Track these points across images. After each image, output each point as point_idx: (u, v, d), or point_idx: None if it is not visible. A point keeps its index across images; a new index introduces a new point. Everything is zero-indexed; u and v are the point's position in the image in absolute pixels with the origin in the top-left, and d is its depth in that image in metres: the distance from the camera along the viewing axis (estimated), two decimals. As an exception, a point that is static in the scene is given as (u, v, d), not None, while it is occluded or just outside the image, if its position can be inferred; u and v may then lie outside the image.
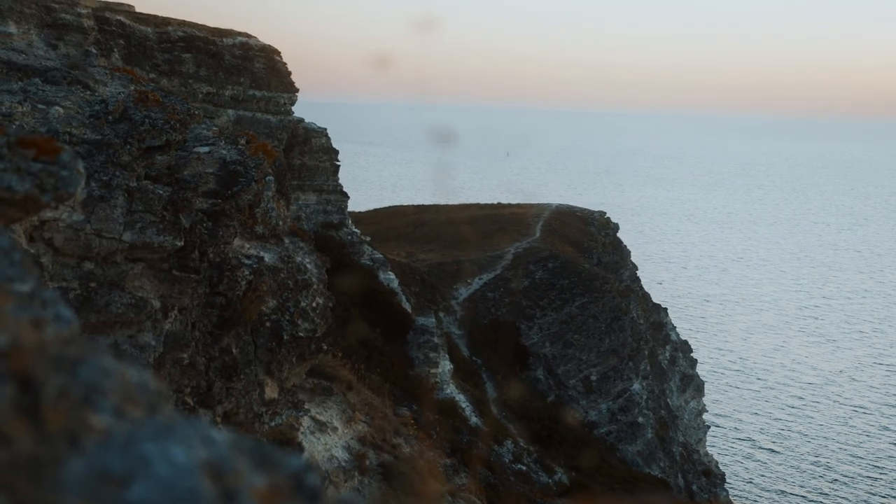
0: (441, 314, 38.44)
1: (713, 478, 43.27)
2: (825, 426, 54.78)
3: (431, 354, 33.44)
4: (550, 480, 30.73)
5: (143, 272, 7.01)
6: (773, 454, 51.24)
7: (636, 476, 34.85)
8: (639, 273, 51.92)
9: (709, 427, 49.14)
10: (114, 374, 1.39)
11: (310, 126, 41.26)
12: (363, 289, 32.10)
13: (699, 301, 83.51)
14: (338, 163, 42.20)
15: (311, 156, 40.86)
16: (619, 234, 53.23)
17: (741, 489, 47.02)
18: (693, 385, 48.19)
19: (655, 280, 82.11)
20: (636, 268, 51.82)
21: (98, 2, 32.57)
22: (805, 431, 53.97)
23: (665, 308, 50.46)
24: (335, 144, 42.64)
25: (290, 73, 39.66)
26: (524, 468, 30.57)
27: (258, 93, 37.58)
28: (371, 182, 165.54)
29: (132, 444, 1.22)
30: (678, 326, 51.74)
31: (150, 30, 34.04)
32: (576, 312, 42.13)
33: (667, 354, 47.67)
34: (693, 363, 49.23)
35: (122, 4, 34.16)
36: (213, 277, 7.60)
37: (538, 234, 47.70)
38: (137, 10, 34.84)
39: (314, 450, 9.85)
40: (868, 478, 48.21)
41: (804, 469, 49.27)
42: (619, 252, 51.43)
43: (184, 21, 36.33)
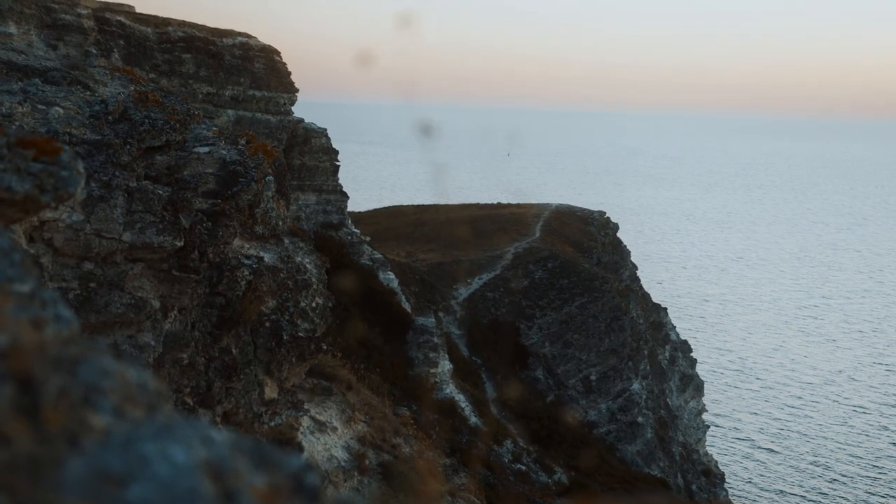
0: (441, 314, 38.45)
1: (713, 477, 43.28)
2: (824, 426, 54.80)
3: (431, 354, 33.45)
4: (550, 480, 30.73)
5: (143, 272, 7.01)
6: (773, 454, 51.25)
7: (636, 476, 34.85)
8: (638, 273, 51.93)
9: (708, 427, 49.15)
10: (113, 374, 1.39)
11: (309, 126, 41.26)
12: (363, 289, 32.10)
13: (698, 301, 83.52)
14: (337, 163, 42.21)
15: (311, 156, 40.87)
16: (619, 234, 53.24)
17: (740, 489, 47.02)
18: (693, 385, 48.20)
19: (655, 280, 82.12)
20: (636, 267, 51.83)
21: (98, 2, 32.56)
22: (804, 431, 53.98)
23: (665, 308, 50.46)
24: (335, 144, 42.65)
25: (290, 74, 39.67)
26: (523, 468, 30.57)
27: (258, 93, 37.58)
28: (371, 182, 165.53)
29: (132, 444, 1.23)
30: (677, 326, 51.75)
31: (150, 30, 34.04)
32: (575, 312, 42.14)
33: (666, 354, 47.68)
34: (693, 363, 49.24)
35: (122, 5, 34.17)
36: (213, 277, 7.61)
37: (538, 234, 47.71)
38: (137, 11, 34.85)
39: (314, 450, 9.86)
40: (867, 477, 48.22)
41: (803, 469, 49.28)
42: (619, 252, 51.44)
43: (184, 21, 36.33)
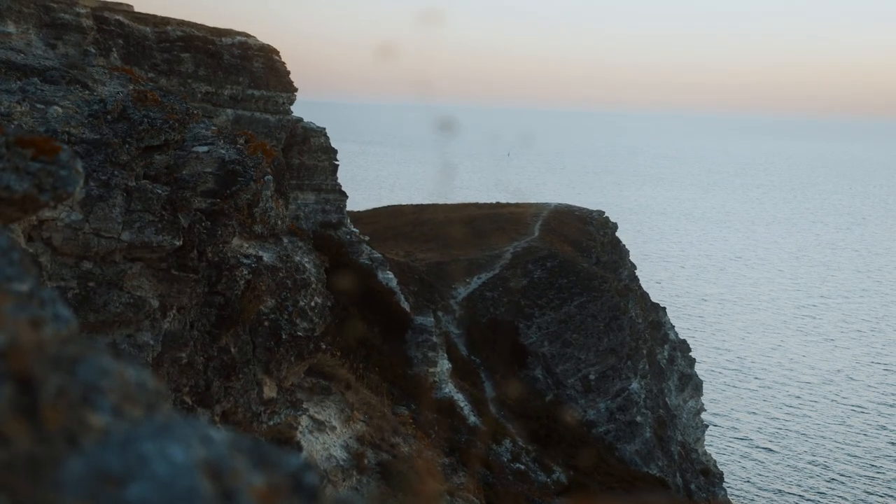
0: (439, 313, 38.45)
1: (711, 477, 43.31)
2: (823, 425, 54.83)
3: (430, 354, 33.45)
4: (549, 479, 30.74)
5: (142, 271, 7.01)
6: (771, 453, 51.28)
7: (634, 475, 34.87)
8: (637, 272, 51.94)
9: (707, 426, 49.17)
10: (112, 374, 1.40)
11: (308, 125, 41.25)
12: (362, 288, 32.10)
13: (697, 300, 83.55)
14: (336, 162, 42.20)
15: (310, 155, 40.86)
16: (618, 234, 53.25)
17: (739, 488, 47.05)
18: (691, 384, 48.22)
19: (654, 279, 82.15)
20: (634, 267, 51.84)
21: (97, 1, 32.55)
22: (803, 430, 54.02)
23: (664, 307, 50.48)
24: (334, 144, 42.64)
25: (289, 73, 39.66)
26: (522, 467, 30.58)
27: (257, 92, 37.57)
28: (370, 181, 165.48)
29: (131, 444, 1.23)
30: (676, 326, 51.77)
31: (149, 29, 34.02)
32: (574, 312, 42.15)
33: (665, 354, 47.70)
34: (691, 362, 49.26)
35: (121, 4, 34.15)
36: (212, 277, 7.60)
37: (537, 234, 47.72)
38: (136, 10, 34.84)
39: (312, 449, 9.86)
40: (865, 477, 48.27)
41: (801, 468, 49.32)
42: (618, 251, 51.46)
43: (183, 21, 36.32)
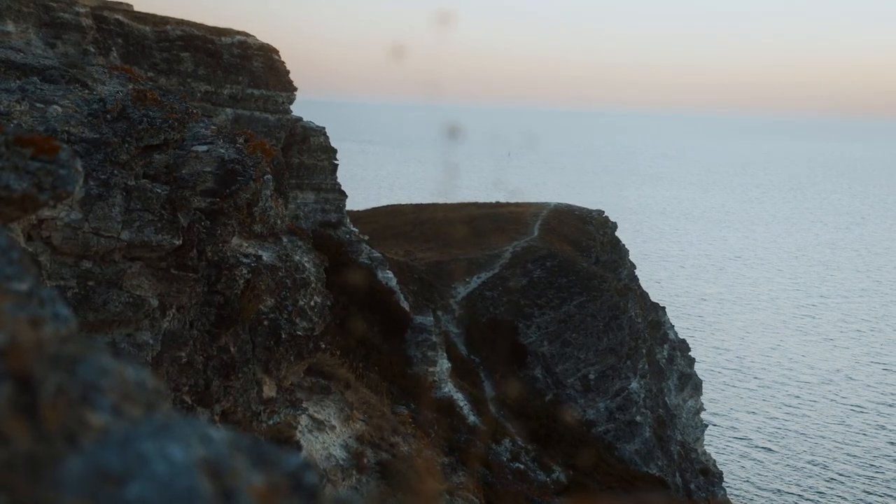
0: (439, 313, 38.45)
1: (711, 476, 43.33)
2: (822, 425, 54.85)
3: (429, 353, 33.45)
4: (548, 479, 30.75)
5: (142, 271, 7.01)
6: (770, 453, 51.30)
7: (634, 475, 34.88)
8: (637, 272, 51.94)
9: (706, 426, 49.18)
10: (112, 373, 1.40)
11: (308, 125, 41.25)
12: (361, 287, 32.11)
13: (696, 300, 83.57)
14: (336, 161, 42.20)
15: (310, 154, 40.85)
16: (618, 233, 53.24)
17: (738, 488, 47.07)
18: (691, 384, 48.24)
19: (653, 279, 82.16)
20: (634, 267, 51.84)
21: (96, 1, 32.54)
22: (802, 430, 54.03)
23: (663, 307, 50.49)
24: (333, 143, 42.63)
25: (289, 72, 39.66)
26: (522, 467, 30.59)
27: (256, 91, 37.57)
28: (369, 181, 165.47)
29: (130, 443, 1.23)
30: (675, 325, 51.78)
31: (149, 28, 34.01)
32: (574, 311, 42.15)
33: (665, 353, 47.72)
34: (691, 362, 49.27)
35: (121, 3, 34.15)
36: (212, 276, 7.60)
37: (536, 233, 47.72)
38: (136, 9, 34.83)
39: (312, 448, 9.86)
40: (864, 476, 48.29)
41: (801, 468, 49.33)
42: (618, 251, 51.46)
43: (182, 20, 36.32)
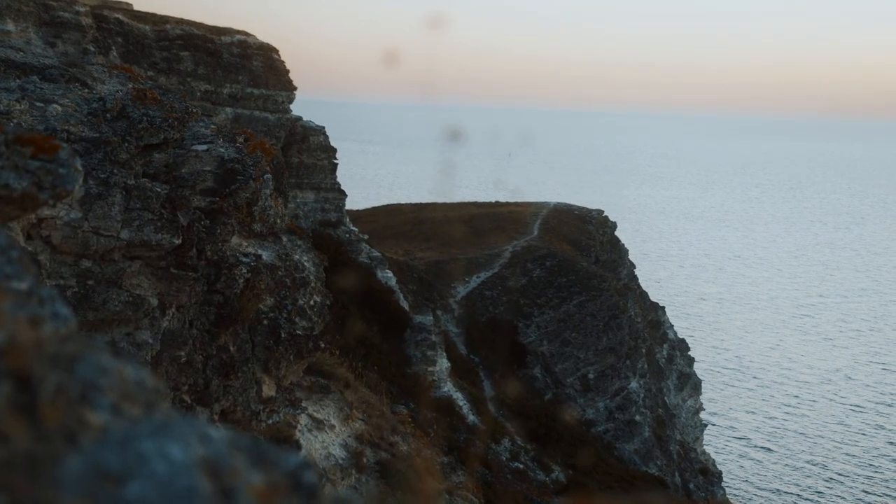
0: (439, 312, 38.45)
1: (710, 476, 43.34)
2: (821, 424, 54.88)
3: (429, 352, 33.45)
4: (547, 478, 30.76)
5: (141, 270, 7.01)
6: (769, 452, 51.32)
7: (633, 474, 34.89)
8: (636, 271, 51.93)
9: (706, 425, 49.18)
10: (111, 372, 1.40)
11: (308, 124, 41.23)
12: (361, 287, 32.10)
13: (695, 299, 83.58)
14: (336, 161, 42.19)
15: (309, 154, 40.84)
16: (617, 233, 53.24)
17: (737, 487, 47.08)
18: (690, 383, 48.25)
19: (653, 279, 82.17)
20: (634, 266, 51.83)
21: (96, 0, 32.52)
22: (801, 430, 54.05)
23: (663, 306, 50.49)
24: (333, 143, 42.63)
25: (289, 72, 39.66)
26: (521, 466, 30.60)
27: (256, 91, 37.56)
28: (369, 180, 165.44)
29: (129, 442, 1.23)
30: (675, 325, 51.78)
31: (149, 28, 34.01)
32: (573, 311, 42.15)
33: (664, 353, 47.72)
34: (690, 361, 49.28)
35: (121, 2, 34.14)
36: (211, 275, 7.60)
37: (536, 233, 47.71)
38: (136, 9, 34.83)
39: (311, 447, 9.86)
40: (863, 476, 48.31)
41: (800, 467, 49.35)
42: (617, 250, 51.46)
43: (182, 19, 36.33)
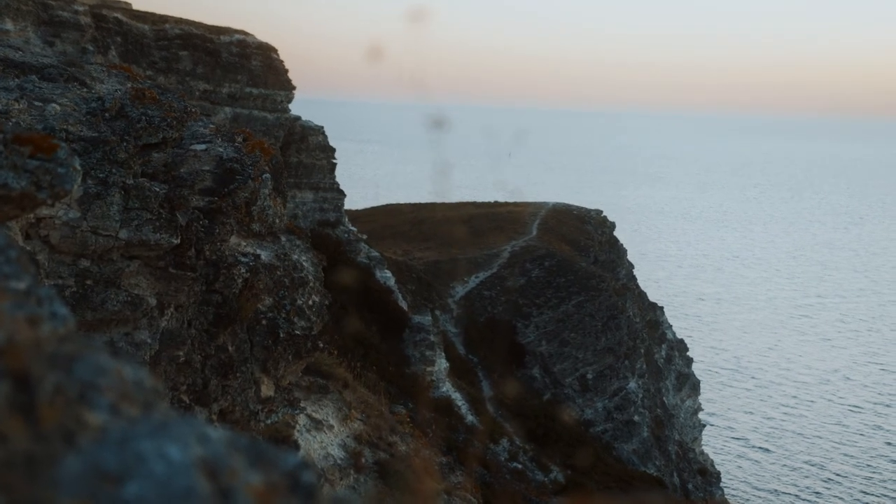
0: (437, 312, 38.45)
1: (709, 476, 43.36)
2: (819, 425, 54.91)
3: (427, 353, 33.45)
4: (546, 479, 30.76)
5: (140, 270, 7.00)
6: (767, 453, 51.35)
7: (632, 475, 34.90)
8: (635, 271, 51.95)
9: (704, 426, 49.20)
10: (110, 372, 1.39)
11: (307, 124, 41.22)
12: (360, 287, 32.10)
13: (694, 300, 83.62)
14: (335, 161, 42.18)
15: (308, 153, 40.83)
16: (616, 233, 53.25)
17: (735, 488, 47.11)
18: (689, 384, 48.26)
19: (651, 279, 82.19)
20: (632, 266, 51.84)
21: (94, -2, 32.49)
22: (799, 430, 54.08)
23: (661, 307, 50.50)
24: (332, 142, 42.61)
25: (288, 71, 39.65)
26: (520, 466, 30.60)
27: (255, 90, 37.54)
28: (368, 180, 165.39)
29: (128, 442, 1.23)
30: (673, 325, 51.80)
31: (148, 27, 33.99)
32: (572, 311, 42.16)
33: (663, 353, 47.74)
34: (689, 362, 49.30)
35: (120, 2, 34.13)
36: (210, 275, 7.60)
37: (535, 233, 47.72)
38: (135, 8, 34.81)
39: (310, 448, 9.86)
40: (861, 477, 48.35)
41: (798, 468, 49.38)
42: (616, 250, 51.47)
43: (181, 19, 36.32)
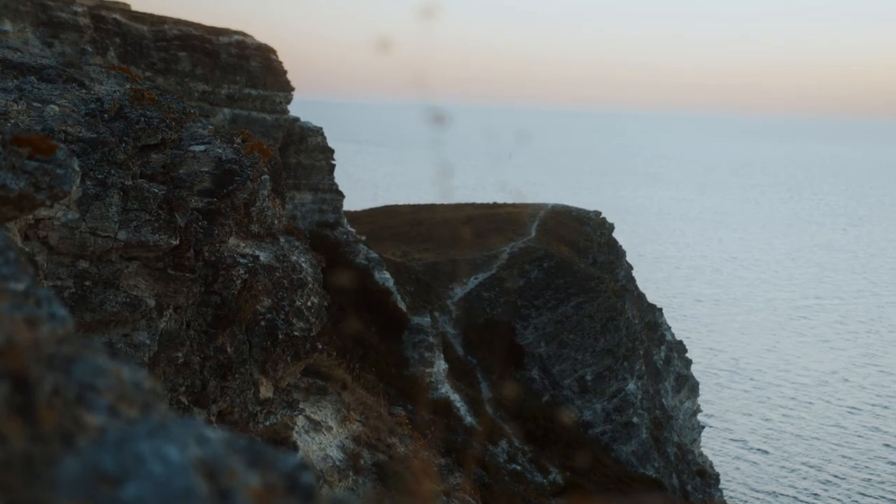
0: (436, 313, 38.44)
1: (708, 478, 43.37)
2: (817, 427, 54.93)
3: (426, 354, 33.45)
4: (545, 480, 30.75)
5: (138, 271, 7.00)
6: (765, 455, 51.36)
7: (631, 476, 34.91)
8: (633, 273, 51.96)
9: (703, 427, 49.21)
10: (108, 373, 1.39)
11: (306, 125, 41.23)
12: (358, 288, 32.10)
13: (692, 301, 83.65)
14: (333, 162, 42.18)
15: (307, 155, 40.84)
16: (615, 234, 53.26)
17: (733, 489, 47.11)
18: (688, 385, 48.28)
19: (650, 280, 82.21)
20: (631, 268, 51.86)
21: (94, 0, 32.50)
22: (797, 432, 54.10)
23: (660, 308, 50.51)
24: (331, 143, 42.62)
25: (286, 72, 39.67)
26: (519, 468, 30.60)
27: (254, 91, 37.55)
28: (366, 181, 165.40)
29: (126, 443, 1.23)
30: (671, 326, 51.82)
31: (146, 28, 33.99)
32: (571, 312, 42.17)
33: (662, 354, 47.75)
34: (688, 363, 49.31)
35: (119, 3, 34.14)
36: (209, 276, 7.60)
37: (533, 234, 47.73)
38: (133, 9, 34.82)
39: (308, 449, 9.85)
40: (859, 478, 48.36)
41: (796, 469, 49.39)
42: (615, 252, 51.49)
43: (180, 19, 36.33)
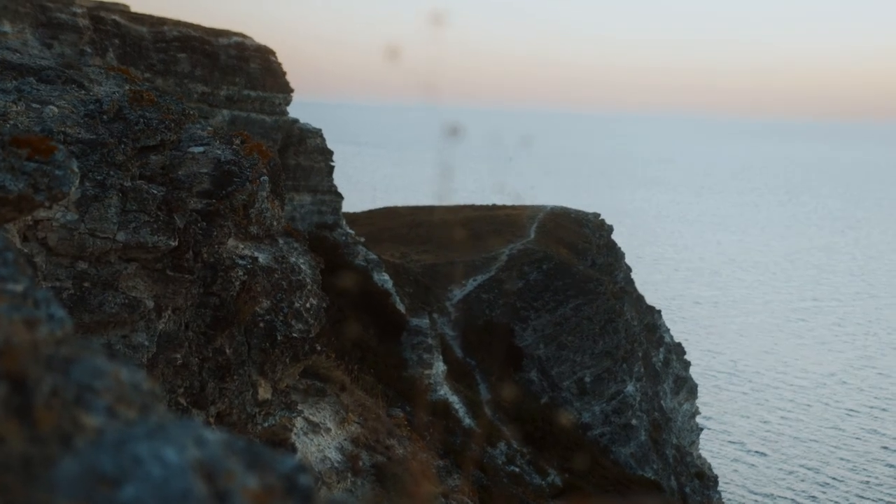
0: (435, 315, 38.44)
1: (706, 480, 43.36)
2: (815, 429, 54.94)
3: (425, 356, 33.44)
4: (543, 482, 30.74)
5: (137, 272, 7.00)
6: (763, 457, 51.36)
7: (629, 478, 34.91)
8: (632, 275, 51.98)
9: (702, 429, 49.22)
10: (107, 375, 1.39)
11: (305, 126, 41.24)
12: (357, 289, 32.09)
13: (691, 303, 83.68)
14: (332, 163, 42.20)
15: (306, 156, 40.84)
16: (613, 236, 53.28)
17: (731, 492, 47.11)
18: (686, 387, 48.28)
19: (648, 282, 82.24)
20: (630, 269, 51.88)
21: (93, 1, 32.52)
22: (795, 434, 54.11)
23: (659, 310, 50.53)
24: (330, 145, 42.63)
25: (286, 74, 39.69)
26: (517, 470, 30.59)
27: (253, 93, 37.55)
28: (365, 183, 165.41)
29: (124, 445, 1.23)
30: (670, 328, 51.83)
31: (146, 29, 33.99)
32: (570, 314, 42.17)
33: (660, 356, 47.76)
34: (686, 365, 49.32)
35: (118, 4, 34.15)
36: (207, 278, 7.59)
37: (532, 236, 47.74)
38: (132, 10, 34.83)
39: (307, 451, 9.85)
40: (858, 481, 48.38)
41: (794, 472, 49.40)
42: (614, 254, 51.50)
43: (179, 21, 36.33)
